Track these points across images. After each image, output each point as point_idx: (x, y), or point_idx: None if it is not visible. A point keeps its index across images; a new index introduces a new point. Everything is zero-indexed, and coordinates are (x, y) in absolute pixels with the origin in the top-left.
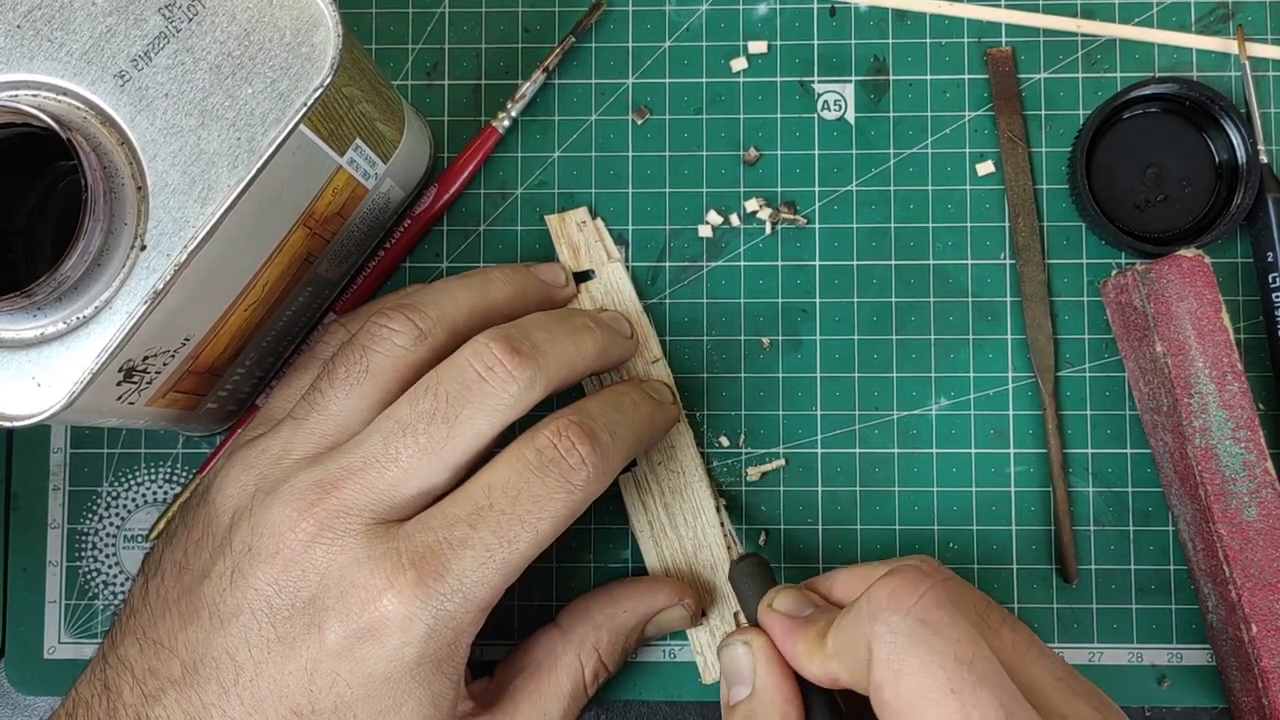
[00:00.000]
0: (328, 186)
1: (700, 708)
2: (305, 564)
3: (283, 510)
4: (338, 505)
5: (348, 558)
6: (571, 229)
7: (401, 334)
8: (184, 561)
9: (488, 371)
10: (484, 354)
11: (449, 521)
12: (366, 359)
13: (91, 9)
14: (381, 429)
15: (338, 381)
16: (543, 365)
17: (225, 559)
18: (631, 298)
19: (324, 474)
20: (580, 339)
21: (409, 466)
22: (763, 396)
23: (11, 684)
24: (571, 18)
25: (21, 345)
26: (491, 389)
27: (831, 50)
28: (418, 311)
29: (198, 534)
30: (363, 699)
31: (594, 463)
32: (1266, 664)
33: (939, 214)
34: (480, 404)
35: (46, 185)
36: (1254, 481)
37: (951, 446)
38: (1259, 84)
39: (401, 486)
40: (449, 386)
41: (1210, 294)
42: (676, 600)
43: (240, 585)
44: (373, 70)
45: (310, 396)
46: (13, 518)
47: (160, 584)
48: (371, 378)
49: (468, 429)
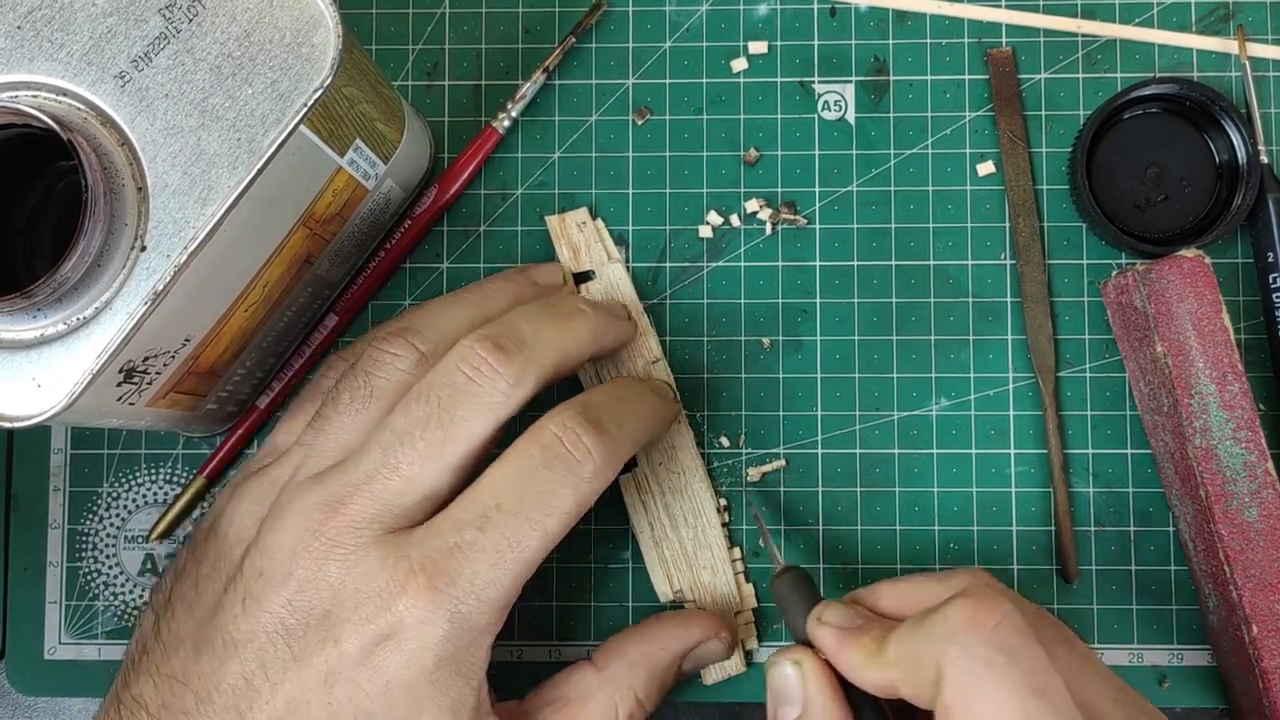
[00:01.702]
0: (328, 187)
1: (700, 708)
2: (319, 581)
3: (293, 533)
4: (346, 521)
5: (361, 570)
6: (572, 230)
7: (403, 358)
8: (195, 597)
9: (475, 372)
10: (470, 355)
11: (457, 526)
12: (370, 383)
13: (91, 10)
14: (380, 441)
15: (342, 407)
16: (531, 357)
17: (237, 587)
18: (632, 298)
19: (329, 493)
20: (570, 323)
21: (411, 475)
22: (763, 397)
23: (12, 684)
24: (572, 18)
25: (21, 346)
26: (481, 389)
27: (832, 50)
28: (417, 334)
29: (208, 568)
30: (383, 708)
31: (600, 453)
32: (1267, 664)
33: (939, 214)
34: (472, 405)
35: (46, 186)
36: (1255, 482)
37: (952, 447)
38: (1259, 84)
39: (406, 495)
40: (439, 391)
41: (1211, 294)
42: (712, 634)
43: (253, 610)
44: (373, 70)
45: (316, 424)
46: (13, 518)
47: (171, 620)
48: (376, 401)
49: (463, 430)
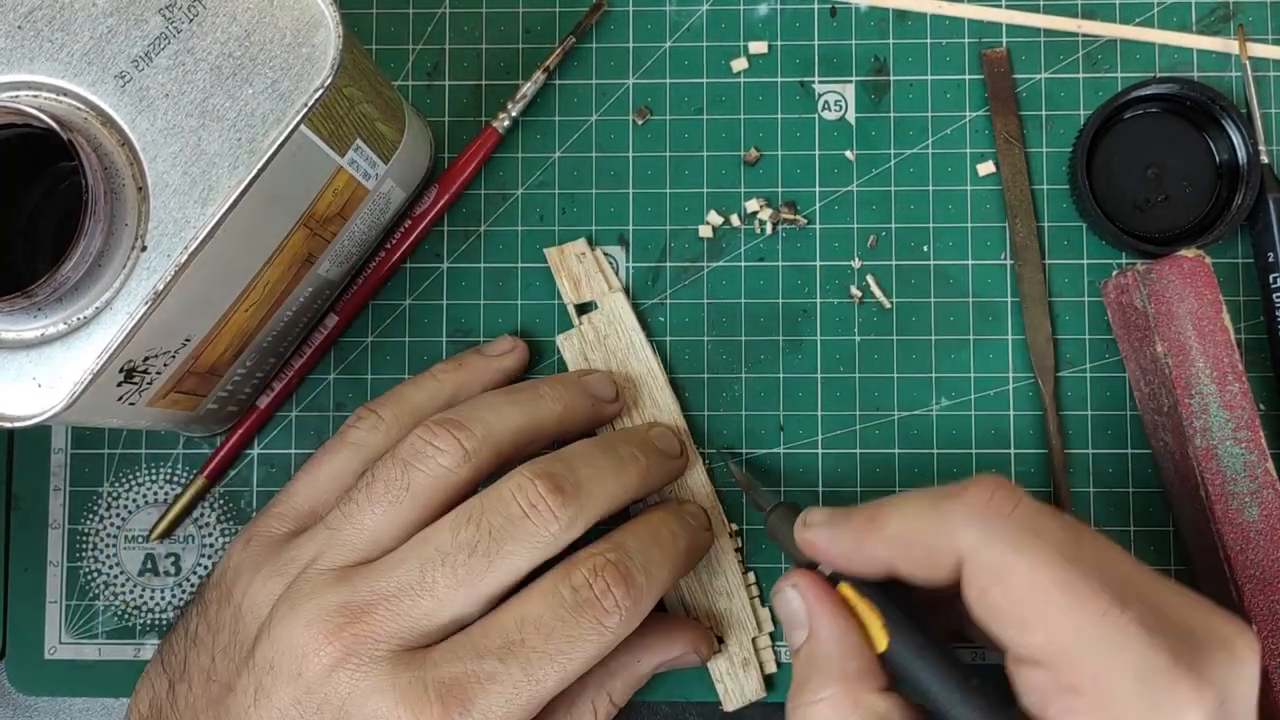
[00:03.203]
0: (328, 187)
1: (700, 708)
2: (328, 689)
3: (307, 631)
4: (365, 631)
5: (370, 685)
6: (571, 261)
7: (447, 454)
8: (211, 670)
9: (531, 509)
10: (528, 490)
11: (479, 654)
12: (408, 476)
13: (92, 10)
14: (419, 554)
15: (376, 497)
16: (586, 505)
17: (250, 674)
18: (634, 326)
19: (353, 595)
20: (625, 472)
21: (444, 596)
22: (763, 397)
23: (12, 684)
24: (572, 18)
25: (22, 346)
26: (534, 526)
27: (832, 50)
28: (464, 430)
29: (224, 640)
30: None
31: (628, 606)
32: (1267, 664)
33: (939, 214)
34: (521, 540)
35: (47, 186)
36: (1255, 482)
37: (952, 447)
38: (1259, 84)
39: (434, 616)
40: (492, 519)
41: (1211, 294)
42: (691, 649)
43: (264, 704)
44: (373, 71)
45: (346, 508)
46: (13, 518)
47: (188, 691)
48: (412, 497)
49: (507, 565)
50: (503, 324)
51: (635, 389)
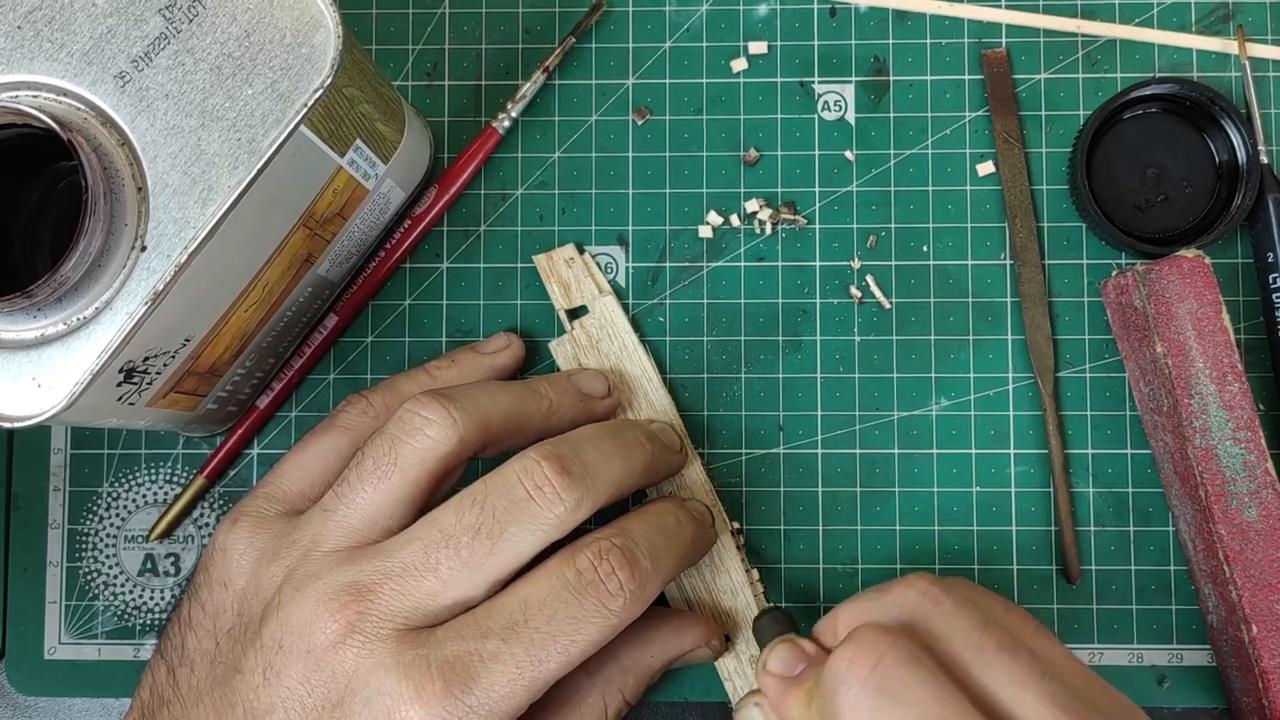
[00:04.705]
0: (328, 187)
1: (700, 708)
2: (334, 664)
3: (314, 609)
4: (371, 609)
5: (375, 662)
6: (560, 266)
7: (435, 424)
8: (215, 652)
9: (536, 490)
10: (534, 471)
11: (482, 633)
12: (395, 451)
13: (92, 10)
14: (424, 536)
15: (366, 474)
16: (592, 486)
17: (257, 654)
18: (626, 329)
19: (359, 575)
20: (631, 456)
21: (448, 578)
22: (763, 397)
23: (11, 684)
24: (572, 18)
25: (22, 346)
26: (539, 508)
27: (831, 51)
28: (455, 403)
29: (226, 623)
30: None
31: (632, 589)
32: (1267, 664)
33: (939, 214)
34: (526, 522)
35: (46, 186)
36: (1254, 482)
37: (952, 447)
38: (1259, 84)
39: (438, 596)
40: (496, 501)
41: (1210, 294)
42: (703, 641)
43: (274, 683)
44: (373, 71)
45: (340, 488)
46: (13, 518)
47: (191, 674)
48: (400, 472)
49: (511, 546)
50: (502, 324)
51: (630, 391)
